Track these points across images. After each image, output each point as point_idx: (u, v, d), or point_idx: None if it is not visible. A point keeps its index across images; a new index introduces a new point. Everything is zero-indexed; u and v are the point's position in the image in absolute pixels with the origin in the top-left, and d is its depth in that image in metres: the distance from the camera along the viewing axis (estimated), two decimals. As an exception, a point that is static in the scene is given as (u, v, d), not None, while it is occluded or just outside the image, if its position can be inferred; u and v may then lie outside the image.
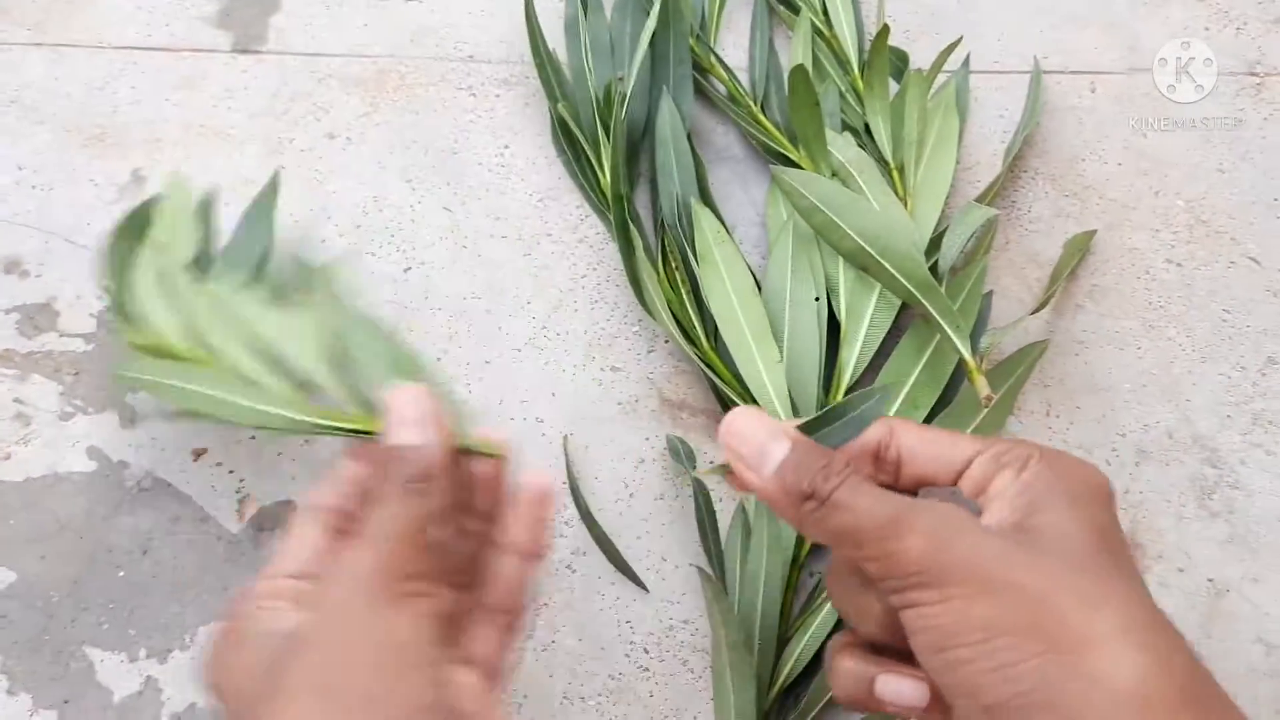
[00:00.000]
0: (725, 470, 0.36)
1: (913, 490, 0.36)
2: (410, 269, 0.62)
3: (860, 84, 0.67)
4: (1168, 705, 0.28)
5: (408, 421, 0.36)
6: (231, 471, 0.55)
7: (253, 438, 0.56)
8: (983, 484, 0.34)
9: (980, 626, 0.30)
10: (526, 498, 0.40)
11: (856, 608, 0.35)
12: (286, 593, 0.35)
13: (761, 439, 0.35)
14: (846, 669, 0.35)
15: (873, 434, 0.36)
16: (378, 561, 0.33)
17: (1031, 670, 0.29)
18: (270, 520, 0.54)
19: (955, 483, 0.35)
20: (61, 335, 0.59)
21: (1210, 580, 0.55)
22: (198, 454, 0.56)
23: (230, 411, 0.42)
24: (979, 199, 0.62)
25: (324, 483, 0.39)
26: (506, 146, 0.67)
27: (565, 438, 0.57)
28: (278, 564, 0.37)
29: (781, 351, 0.56)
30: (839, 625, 0.51)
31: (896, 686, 0.34)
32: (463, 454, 0.38)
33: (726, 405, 0.57)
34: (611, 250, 0.63)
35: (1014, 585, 0.30)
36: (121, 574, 0.53)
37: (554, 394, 0.58)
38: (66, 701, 0.50)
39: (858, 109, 0.66)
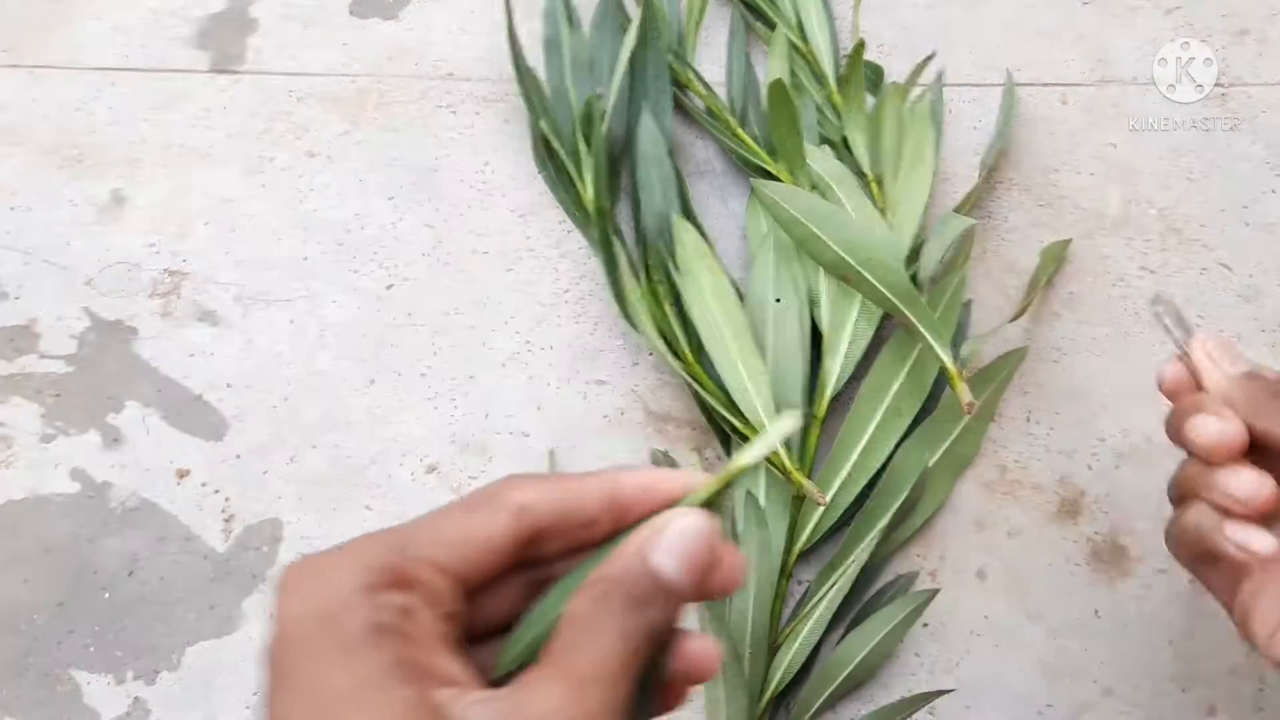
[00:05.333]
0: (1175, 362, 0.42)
1: None
2: (393, 286, 0.62)
3: (837, 98, 0.68)
4: None
5: (674, 553, 0.29)
6: (217, 491, 0.55)
7: (238, 457, 0.56)
8: None
9: None
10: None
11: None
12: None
13: (1232, 353, 0.40)
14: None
15: None
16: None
17: None
18: (257, 539, 0.54)
19: None
20: (42, 357, 0.59)
21: (1191, 581, 0.55)
22: (182, 474, 0.56)
23: None
24: (956, 209, 0.63)
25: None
26: (487, 163, 0.67)
27: (551, 452, 0.57)
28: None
29: (765, 363, 0.56)
30: (827, 634, 0.51)
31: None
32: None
33: (711, 417, 0.57)
34: (594, 265, 0.63)
35: None
36: (107, 595, 0.52)
37: (539, 408, 0.59)
38: (53, 725, 0.49)
39: (835, 122, 0.67)
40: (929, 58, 0.67)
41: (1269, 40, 0.75)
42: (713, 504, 0.30)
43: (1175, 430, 0.41)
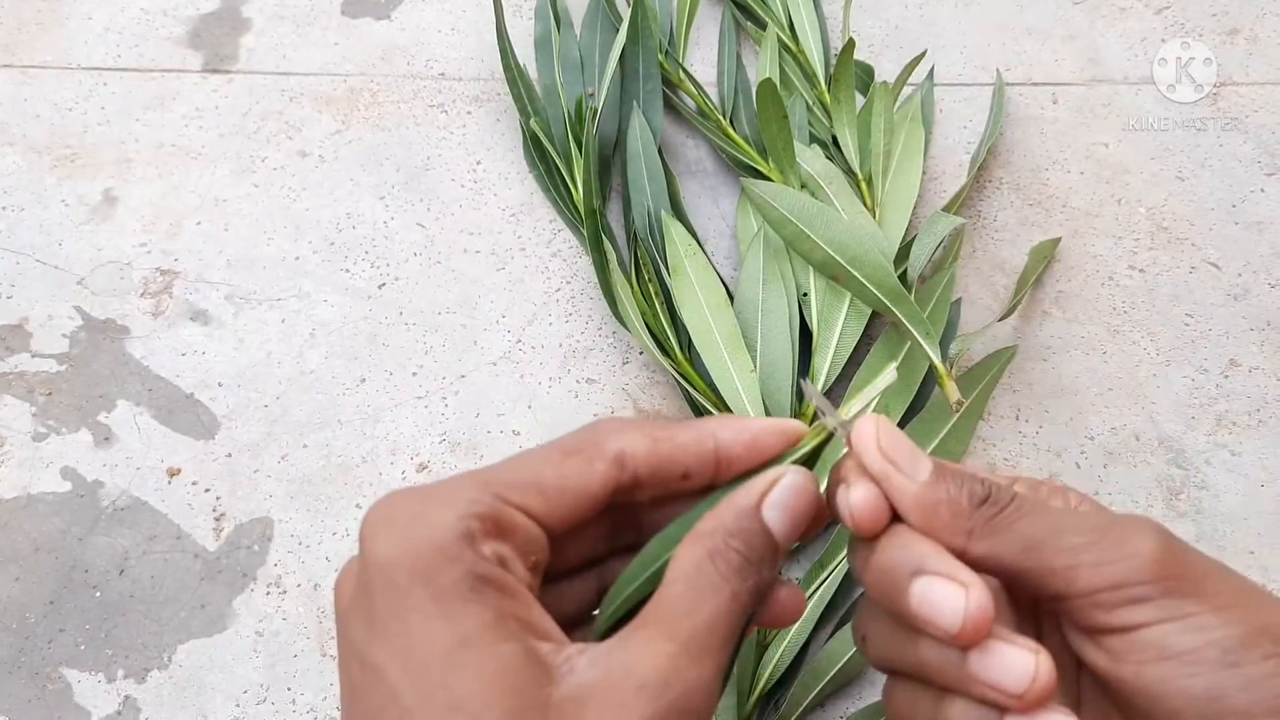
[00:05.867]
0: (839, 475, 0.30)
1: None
2: (384, 285, 0.62)
3: (827, 97, 0.68)
4: None
5: (787, 509, 0.28)
6: (208, 490, 0.55)
7: (229, 456, 0.56)
8: None
9: (1275, 638, 0.27)
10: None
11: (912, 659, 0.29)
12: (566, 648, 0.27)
13: (910, 447, 0.29)
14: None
15: None
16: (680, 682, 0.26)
17: None
18: (247, 538, 0.54)
19: None
20: (34, 355, 0.59)
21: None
22: (173, 473, 0.56)
23: None
24: (946, 208, 0.63)
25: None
26: (479, 163, 0.67)
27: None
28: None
29: (755, 361, 0.57)
30: (816, 631, 0.51)
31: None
32: None
33: (701, 415, 0.57)
34: (585, 264, 0.63)
35: (1258, 594, 0.28)
36: (98, 594, 0.52)
37: (530, 407, 0.59)
38: (43, 723, 0.49)
39: (825, 122, 0.67)
40: (919, 57, 0.67)
41: (1259, 40, 0.75)
42: (810, 459, 0.30)
43: (884, 592, 0.28)
